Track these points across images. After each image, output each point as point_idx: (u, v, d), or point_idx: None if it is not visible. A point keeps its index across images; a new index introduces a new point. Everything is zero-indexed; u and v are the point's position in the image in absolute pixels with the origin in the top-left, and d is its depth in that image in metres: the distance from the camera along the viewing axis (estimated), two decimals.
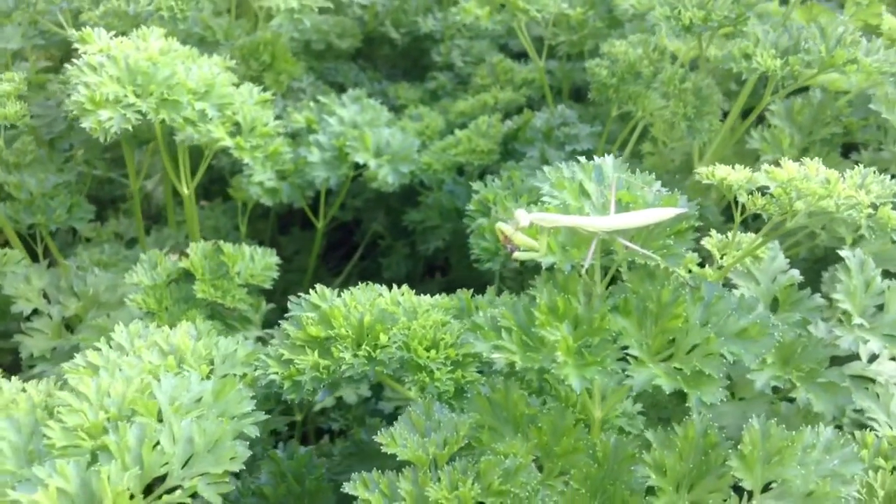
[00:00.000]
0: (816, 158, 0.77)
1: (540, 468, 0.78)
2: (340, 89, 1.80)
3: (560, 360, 0.71)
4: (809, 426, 0.74)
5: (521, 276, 1.36)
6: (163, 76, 1.09)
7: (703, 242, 0.96)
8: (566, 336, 0.72)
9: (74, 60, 1.09)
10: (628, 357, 0.73)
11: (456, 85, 1.82)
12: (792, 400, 1.02)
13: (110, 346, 0.88)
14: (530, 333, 0.75)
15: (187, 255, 1.15)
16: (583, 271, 0.75)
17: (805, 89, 1.29)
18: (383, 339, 0.87)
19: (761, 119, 1.33)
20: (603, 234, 0.75)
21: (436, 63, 1.89)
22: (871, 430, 0.86)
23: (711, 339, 0.72)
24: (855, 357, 1.03)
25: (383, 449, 0.75)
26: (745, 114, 1.27)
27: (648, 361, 0.73)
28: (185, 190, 1.30)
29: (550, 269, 0.76)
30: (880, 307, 0.99)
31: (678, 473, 0.75)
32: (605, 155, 0.81)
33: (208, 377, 0.84)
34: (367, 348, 0.86)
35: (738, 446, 0.73)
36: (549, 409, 0.78)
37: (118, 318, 1.14)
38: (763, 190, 0.79)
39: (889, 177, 0.72)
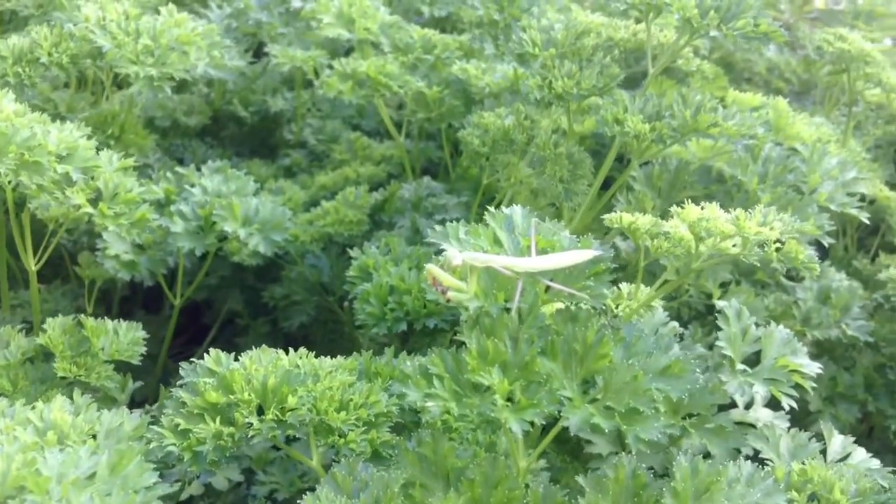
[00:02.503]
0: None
1: None
2: (192, 168, 1.73)
3: (499, 404, 0.69)
4: (731, 461, 0.76)
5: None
6: (22, 137, 1.00)
7: None
8: (502, 380, 0.71)
9: None
10: (563, 399, 0.72)
11: (311, 161, 1.81)
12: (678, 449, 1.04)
13: None
14: (460, 381, 0.73)
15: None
16: (512, 314, 0.75)
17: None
18: (292, 401, 0.81)
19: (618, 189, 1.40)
20: (527, 276, 0.75)
21: (287, 141, 1.87)
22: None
23: (640, 377, 0.73)
24: (731, 405, 1.08)
25: None
26: (606, 185, 1.34)
27: (582, 402, 0.72)
28: (32, 266, 1.18)
29: (477, 314, 0.75)
30: (757, 354, 1.05)
31: None
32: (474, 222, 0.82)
33: (94, 454, 0.75)
34: (276, 412, 0.80)
35: (671, 483, 0.74)
36: (479, 459, 0.76)
37: None
38: (667, 234, 0.83)
39: (787, 216, 0.77)
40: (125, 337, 1.09)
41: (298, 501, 0.70)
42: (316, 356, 1.66)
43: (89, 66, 1.60)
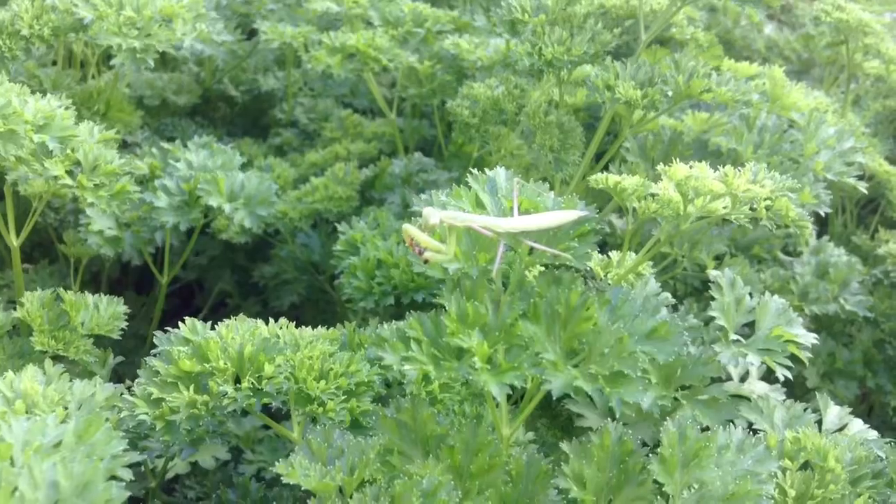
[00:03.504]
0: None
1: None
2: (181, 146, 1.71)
3: (478, 366, 0.67)
4: (720, 427, 0.74)
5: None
6: None
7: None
8: (481, 342, 0.68)
9: None
10: (544, 362, 0.70)
11: (302, 140, 1.78)
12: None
13: None
14: (439, 344, 0.70)
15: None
16: (492, 276, 0.72)
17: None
18: (269, 369, 0.79)
19: (611, 159, 1.37)
20: (508, 237, 0.73)
21: (279, 120, 1.84)
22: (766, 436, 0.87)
23: (625, 339, 0.71)
24: (727, 378, 1.05)
25: (283, 479, 0.67)
26: (598, 156, 1.31)
27: (564, 366, 0.70)
28: (14, 242, 1.16)
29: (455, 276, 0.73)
30: (751, 324, 1.02)
31: (598, 484, 0.72)
32: None
33: (65, 422, 0.73)
34: (252, 380, 0.78)
35: (657, 450, 0.71)
36: (460, 426, 0.73)
37: None
38: (655, 196, 0.80)
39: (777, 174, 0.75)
40: (106, 311, 1.06)
41: (271, 468, 0.68)
42: None
43: (74, 41, 1.58)
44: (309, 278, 1.53)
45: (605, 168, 1.28)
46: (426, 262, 0.70)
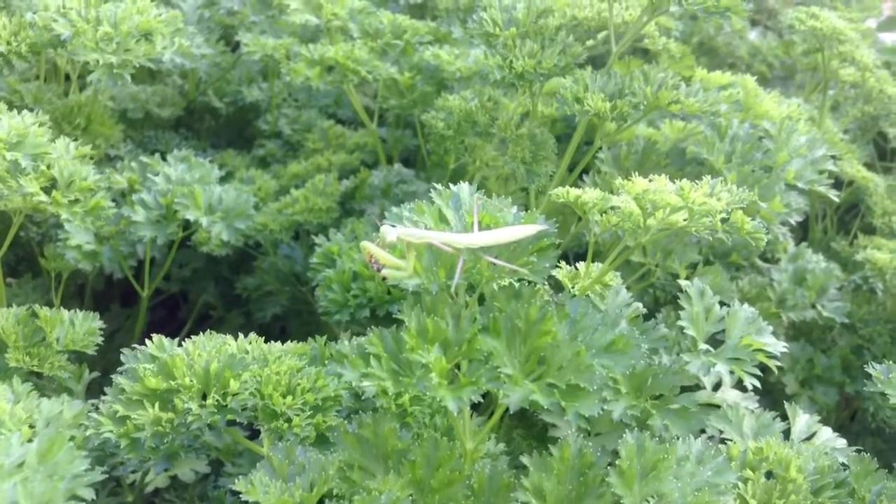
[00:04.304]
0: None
1: None
2: (161, 159, 1.72)
3: (434, 381, 0.67)
4: (680, 439, 0.74)
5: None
6: None
7: (553, 273, 0.96)
8: (439, 358, 0.69)
9: None
10: (502, 376, 0.70)
11: (286, 152, 1.79)
12: (645, 430, 1.02)
13: None
14: (399, 360, 0.71)
15: None
16: (451, 291, 0.73)
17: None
18: (234, 385, 0.80)
19: (587, 170, 1.38)
20: (468, 252, 0.73)
21: (263, 132, 1.85)
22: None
23: (582, 353, 0.71)
24: (698, 388, 1.06)
25: (243, 497, 0.67)
26: (572, 167, 1.32)
27: (522, 380, 0.71)
28: None
29: (417, 291, 0.73)
30: (721, 333, 1.03)
31: (558, 497, 0.72)
32: None
33: (30, 441, 0.73)
34: (217, 397, 0.79)
35: (616, 462, 0.72)
36: (421, 440, 0.74)
37: None
38: (615, 209, 0.81)
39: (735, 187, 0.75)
40: (81, 327, 1.07)
41: (230, 486, 0.69)
42: None
43: (53, 56, 1.59)
44: (292, 289, 1.53)
45: (580, 178, 1.29)
46: (384, 279, 0.71)
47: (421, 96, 1.62)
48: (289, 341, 0.97)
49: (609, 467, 0.72)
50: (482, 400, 0.69)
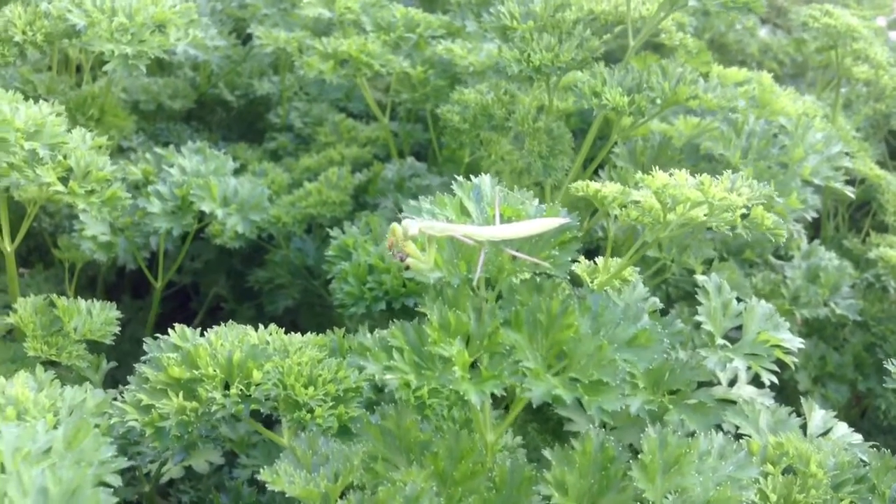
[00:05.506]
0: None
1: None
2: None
3: (457, 375, 0.68)
4: (702, 433, 0.75)
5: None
6: None
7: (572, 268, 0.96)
8: (461, 351, 0.69)
9: None
10: (524, 370, 0.70)
11: (297, 145, 1.79)
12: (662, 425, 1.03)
13: None
14: (422, 353, 0.71)
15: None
16: (473, 285, 0.73)
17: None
18: (257, 376, 0.80)
19: (602, 165, 1.38)
20: (490, 245, 0.73)
21: (274, 125, 1.85)
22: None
23: (605, 347, 0.71)
24: (715, 383, 1.06)
25: (268, 486, 0.68)
26: (586, 162, 1.32)
27: (544, 374, 0.71)
28: (8, 247, 1.17)
29: (436, 284, 0.73)
30: (738, 329, 1.03)
31: (580, 490, 0.72)
32: None
33: (55, 428, 0.74)
34: (240, 386, 0.79)
35: (639, 456, 0.72)
36: (443, 433, 0.74)
37: None
38: (635, 203, 0.81)
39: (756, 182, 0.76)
40: (98, 317, 1.07)
41: (256, 476, 0.69)
42: None
43: (67, 47, 1.59)
44: (303, 282, 1.53)
45: (596, 173, 1.29)
46: (407, 267, 0.71)
47: (433, 90, 1.62)
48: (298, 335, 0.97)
49: (631, 461, 0.72)
50: (504, 393, 0.70)
